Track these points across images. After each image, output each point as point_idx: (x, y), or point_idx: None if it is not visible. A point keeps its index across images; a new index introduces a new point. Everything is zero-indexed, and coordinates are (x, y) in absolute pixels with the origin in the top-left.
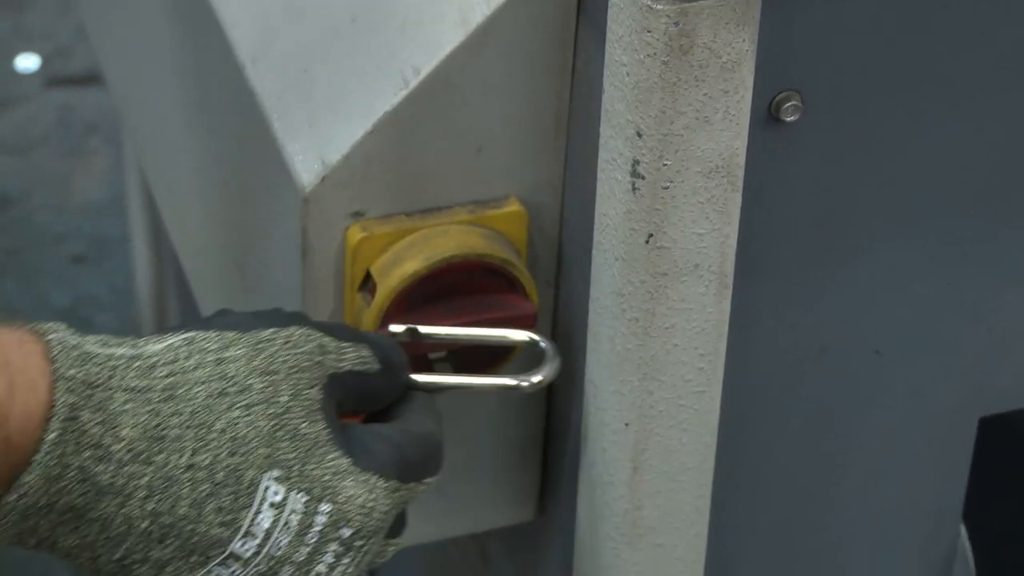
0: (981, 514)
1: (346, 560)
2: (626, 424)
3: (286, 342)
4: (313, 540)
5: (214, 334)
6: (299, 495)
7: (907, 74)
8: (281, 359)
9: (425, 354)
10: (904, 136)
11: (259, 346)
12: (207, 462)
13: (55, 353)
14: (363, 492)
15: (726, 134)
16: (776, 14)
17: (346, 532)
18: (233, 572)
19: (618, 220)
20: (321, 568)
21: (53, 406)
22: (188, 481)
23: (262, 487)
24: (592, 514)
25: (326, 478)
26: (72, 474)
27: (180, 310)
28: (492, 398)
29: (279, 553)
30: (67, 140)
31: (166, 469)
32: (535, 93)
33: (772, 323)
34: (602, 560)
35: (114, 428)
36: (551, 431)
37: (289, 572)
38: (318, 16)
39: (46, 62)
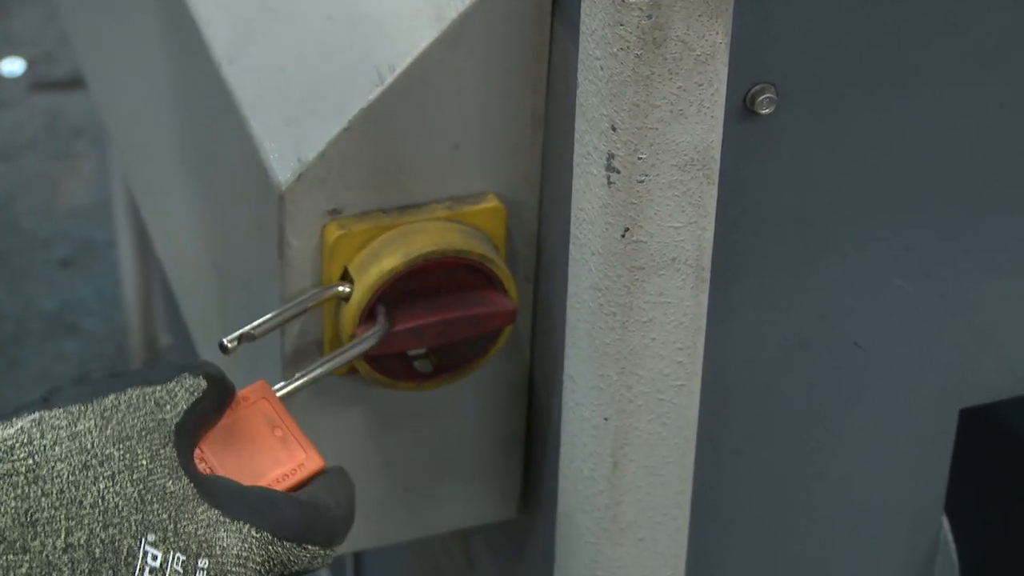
0: (963, 506)
1: None
2: (605, 419)
3: (129, 406)
4: None
5: (60, 411)
6: (177, 555)
7: (883, 66)
8: (130, 424)
9: (404, 352)
10: (881, 128)
11: (105, 415)
12: (84, 540)
13: None
14: (236, 542)
15: (701, 127)
16: (750, 6)
17: None
18: None
19: (594, 214)
20: None
21: None
22: (67, 563)
23: (139, 553)
24: (573, 510)
25: (200, 532)
26: None
27: (166, 313)
28: (473, 395)
29: None
30: (53, 145)
31: (44, 554)
32: (511, 89)
33: (751, 317)
34: (583, 556)
35: None
36: (532, 428)
37: None
38: (294, 15)
39: (32, 66)
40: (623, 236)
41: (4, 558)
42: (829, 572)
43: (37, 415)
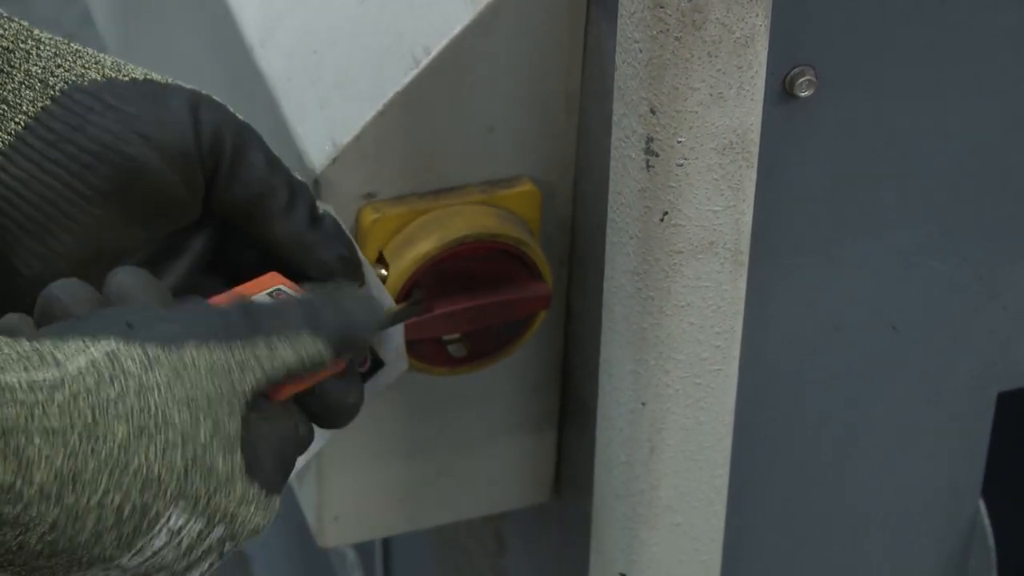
0: (1000, 490)
1: (216, 563)
2: (643, 404)
3: (210, 370)
4: (197, 556)
5: (137, 350)
6: (197, 522)
7: (921, 48)
8: (203, 390)
9: (439, 336)
10: (919, 110)
11: (182, 374)
12: (117, 502)
13: None
14: (259, 515)
15: (740, 110)
16: None
17: (228, 546)
18: (108, 572)
19: (632, 198)
20: (193, 575)
21: None
22: (94, 518)
23: (165, 517)
24: (609, 495)
25: (230, 507)
26: None
27: None
28: (506, 379)
29: (160, 563)
30: None
31: (75, 509)
32: (546, 71)
33: (787, 300)
34: (619, 541)
35: (27, 473)
36: (566, 412)
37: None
38: None
39: None
40: (661, 220)
41: (37, 506)
42: (864, 556)
43: (112, 347)
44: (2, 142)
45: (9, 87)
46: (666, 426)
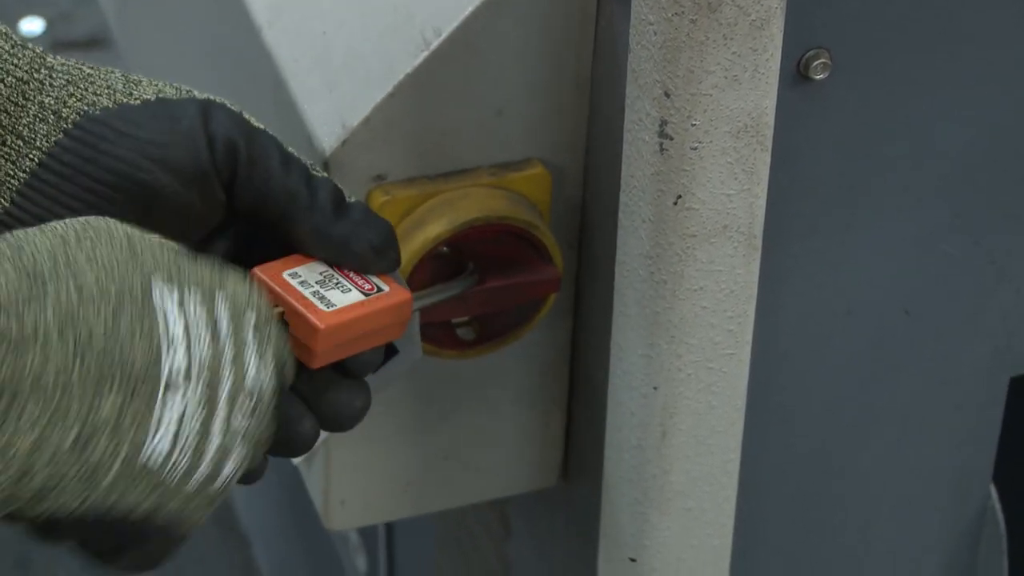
0: (1011, 475)
1: (268, 352)
2: (655, 388)
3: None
4: (228, 332)
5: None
6: (192, 291)
7: (936, 31)
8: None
9: (448, 320)
10: (933, 94)
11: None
12: (91, 280)
13: None
14: (242, 281)
15: (755, 93)
16: None
17: (251, 317)
18: (185, 395)
19: (645, 182)
20: (251, 360)
21: None
22: (87, 302)
23: (155, 293)
24: (619, 479)
25: (206, 272)
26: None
27: None
28: (515, 363)
29: (208, 353)
30: None
31: (61, 299)
32: (556, 53)
33: (800, 284)
34: (629, 525)
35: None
36: (574, 395)
37: (229, 374)
38: None
39: (50, 26)
40: (675, 204)
41: (26, 308)
42: (875, 540)
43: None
44: (18, 180)
45: (24, 121)
46: (678, 410)
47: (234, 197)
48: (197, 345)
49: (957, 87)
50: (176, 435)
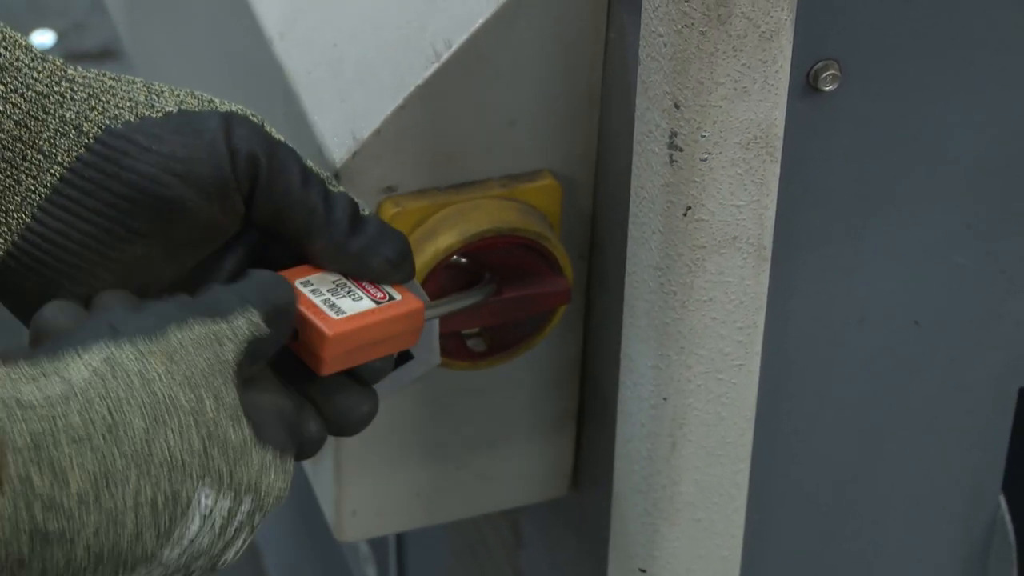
0: (1021, 485)
1: (248, 538)
2: (664, 398)
3: (196, 345)
4: (231, 534)
5: (130, 349)
6: (225, 498)
7: (945, 41)
8: (196, 367)
9: (459, 331)
10: (942, 104)
11: (174, 357)
12: (150, 494)
13: None
14: (280, 479)
15: (765, 104)
16: None
17: (258, 518)
18: (151, 571)
19: (655, 193)
20: (230, 553)
21: (1, 483)
22: (132, 516)
23: (195, 499)
24: (629, 489)
25: (252, 476)
26: (24, 532)
27: None
28: (526, 373)
29: (198, 549)
30: None
31: (112, 510)
32: (567, 65)
33: (810, 294)
34: (639, 535)
35: (64, 482)
36: (585, 406)
37: (202, 562)
38: None
39: (62, 38)
40: (685, 215)
41: (78, 514)
42: (885, 550)
43: (107, 352)
44: (39, 195)
45: (45, 135)
46: (688, 421)
47: (253, 209)
48: (196, 544)
49: (966, 97)
50: None
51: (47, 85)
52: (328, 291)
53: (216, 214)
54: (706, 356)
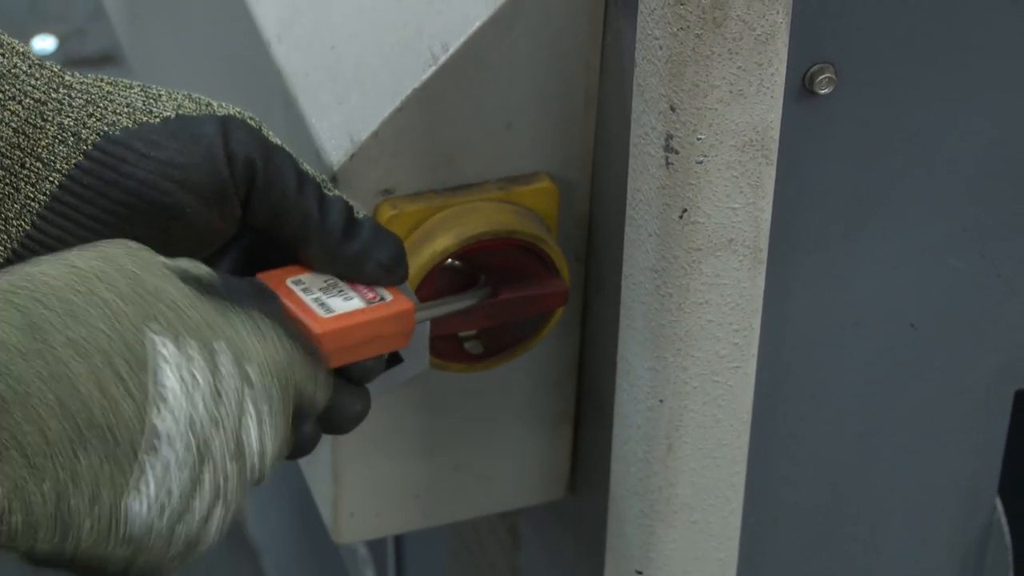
0: (1017, 488)
1: (267, 419)
2: (660, 401)
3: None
4: (228, 388)
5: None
6: (190, 340)
7: (941, 45)
8: (126, 262)
9: (455, 334)
10: (938, 107)
11: (107, 256)
12: (84, 333)
13: None
14: (251, 330)
15: (760, 107)
16: None
17: (254, 371)
18: (167, 460)
19: (651, 195)
20: (250, 426)
21: None
22: (76, 356)
23: (149, 341)
24: (625, 491)
25: (209, 318)
26: None
27: None
28: (523, 375)
29: (200, 415)
30: None
31: (53, 352)
32: (564, 68)
33: (806, 297)
34: (636, 538)
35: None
36: (582, 408)
37: (220, 441)
38: None
39: (63, 43)
40: (680, 217)
41: (18, 365)
42: (882, 553)
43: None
44: (39, 203)
45: (43, 143)
46: (684, 423)
47: (249, 213)
48: (188, 405)
49: (962, 100)
50: (155, 498)
51: (45, 92)
52: (319, 290)
53: (214, 219)
54: (702, 358)
